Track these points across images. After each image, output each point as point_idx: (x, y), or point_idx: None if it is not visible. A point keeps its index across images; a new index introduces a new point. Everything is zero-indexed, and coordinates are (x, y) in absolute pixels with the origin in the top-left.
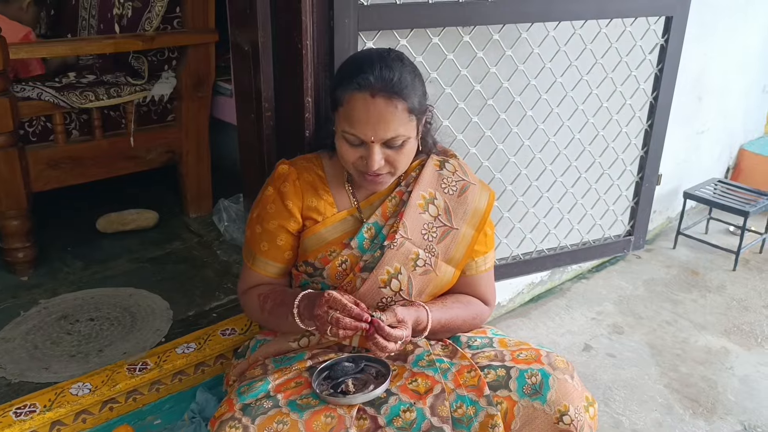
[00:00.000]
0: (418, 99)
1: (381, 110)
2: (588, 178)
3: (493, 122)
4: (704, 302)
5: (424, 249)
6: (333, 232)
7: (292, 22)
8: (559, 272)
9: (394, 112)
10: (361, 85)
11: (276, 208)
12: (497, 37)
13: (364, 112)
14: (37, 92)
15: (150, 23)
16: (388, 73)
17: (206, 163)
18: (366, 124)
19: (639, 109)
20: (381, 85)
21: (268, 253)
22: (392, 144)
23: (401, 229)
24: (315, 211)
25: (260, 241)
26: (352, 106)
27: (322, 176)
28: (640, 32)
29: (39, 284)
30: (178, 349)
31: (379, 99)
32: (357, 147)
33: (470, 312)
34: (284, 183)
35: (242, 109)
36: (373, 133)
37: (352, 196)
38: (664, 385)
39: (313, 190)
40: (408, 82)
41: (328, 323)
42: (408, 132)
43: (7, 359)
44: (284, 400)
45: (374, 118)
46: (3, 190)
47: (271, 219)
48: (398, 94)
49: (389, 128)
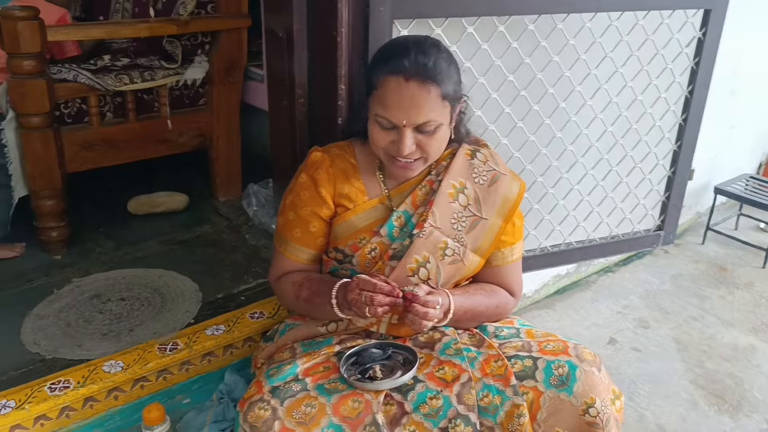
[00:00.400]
0: (452, 86)
1: (414, 94)
2: (619, 172)
3: (525, 113)
4: (732, 299)
5: (453, 238)
6: (363, 219)
7: (328, 9)
8: (585, 265)
9: (427, 97)
10: (395, 68)
11: (309, 194)
12: (532, 27)
13: (397, 96)
14: (73, 74)
15: (184, 8)
16: (423, 58)
17: (236, 148)
18: (398, 108)
19: (674, 103)
20: (415, 70)
21: (301, 239)
22: (424, 129)
23: (430, 217)
24: (346, 198)
25: (293, 228)
26: (385, 89)
27: (354, 164)
28: (677, 25)
29: (72, 263)
30: (207, 331)
31: (413, 83)
32: (389, 131)
33: (493, 300)
34: (317, 170)
35: (274, 94)
36: (405, 117)
37: (383, 184)
38: (689, 381)
39: (345, 177)
40: (443, 68)
41: (364, 304)
42: (441, 118)
43: (41, 336)
44: (312, 384)
45: (407, 102)
46: (38, 171)
47: (305, 206)
48: (432, 79)
49: (421, 113)
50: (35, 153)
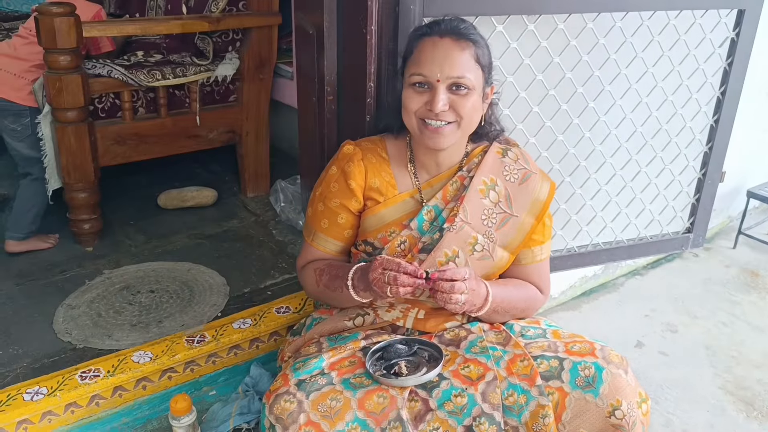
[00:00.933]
0: (485, 56)
1: (448, 48)
2: (648, 173)
3: (554, 113)
4: (763, 304)
5: (483, 234)
6: (393, 212)
7: (358, 7)
8: (613, 267)
9: (461, 53)
10: (431, 29)
11: (339, 187)
12: (562, 26)
13: (431, 51)
14: (108, 70)
15: (216, 5)
16: (458, 22)
17: (265, 144)
18: (433, 62)
19: (705, 104)
20: (450, 29)
21: (328, 230)
22: (458, 88)
23: (461, 212)
24: (377, 192)
25: (321, 219)
26: (421, 49)
27: (385, 158)
28: (710, 25)
29: (103, 255)
30: (234, 324)
31: (447, 39)
32: (422, 93)
33: (525, 294)
34: (349, 163)
35: (304, 91)
36: (440, 70)
37: (414, 177)
38: (717, 387)
39: (376, 170)
40: (477, 34)
41: (386, 284)
42: (474, 79)
43: (72, 325)
44: (338, 378)
45: (441, 55)
46: (72, 164)
47: (334, 197)
48: (466, 37)
49: (455, 66)
50: (70, 146)
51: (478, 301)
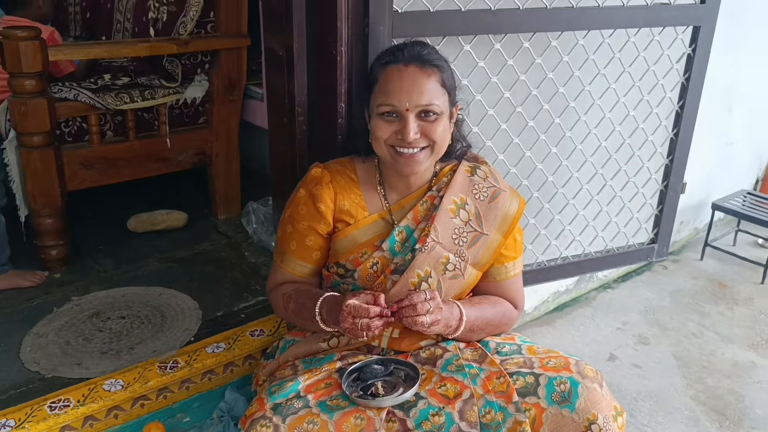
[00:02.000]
0: (449, 78)
1: (414, 77)
2: (613, 186)
3: (522, 129)
4: (731, 315)
5: (454, 253)
6: (364, 234)
7: (328, 28)
8: (585, 281)
9: (427, 80)
10: (395, 56)
11: (307, 209)
12: (527, 45)
13: (398, 81)
14: (74, 93)
15: (184, 27)
16: (420, 48)
17: (236, 166)
18: (401, 91)
19: (665, 118)
20: (413, 55)
21: (296, 252)
22: (427, 115)
23: (432, 233)
24: (347, 214)
25: (290, 241)
26: (386, 78)
27: (354, 179)
28: (667, 42)
29: (71, 281)
30: (208, 349)
31: (412, 67)
32: (392, 122)
33: (500, 311)
34: (317, 186)
35: (274, 112)
36: (408, 99)
37: (384, 199)
38: (690, 397)
39: (345, 192)
40: (440, 58)
41: (359, 330)
42: (441, 105)
43: (40, 354)
44: (314, 401)
45: (408, 85)
46: (38, 189)
47: (302, 220)
48: (430, 63)
49: (423, 94)
50: (36, 172)
51: (453, 323)
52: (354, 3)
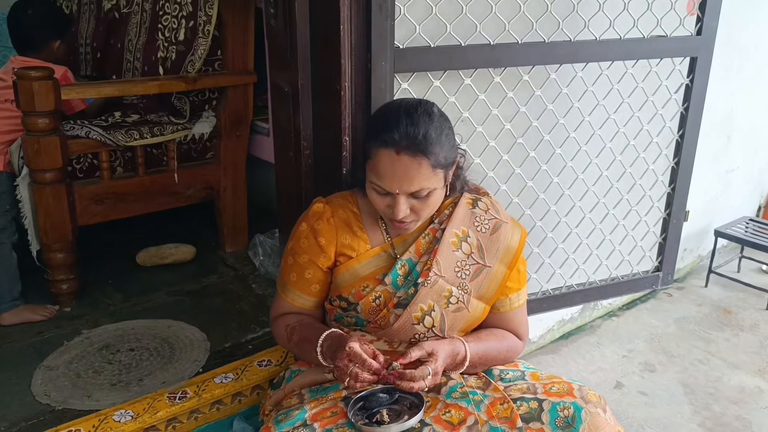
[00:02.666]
0: (444, 154)
1: (405, 167)
2: (616, 215)
3: (523, 160)
4: (737, 341)
5: (457, 286)
6: (367, 267)
7: (331, 65)
8: (590, 309)
9: (418, 168)
10: (387, 141)
11: (308, 243)
12: (527, 78)
13: (390, 168)
14: (86, 131)
15: (192, 65)
16: (413, 129)
17: (243, 199)
18: (392, 179)
19: (665, 147)
20: (406, 143)
21: (296, 284)
22: (417, 195)
23: (435, 266)
24: (349, 248)
25: (291, 272)
26: (378, 160)
27: (356, 213)
28: (665, 72)
29: (81, 315)
30: (216, 379)
31: (404, 156)
32: (384, 197)
33: (503, 344)
34: (318, 221)
35: (280, 147)
36: (398, 187)
37: (386, 233)
38: (697, 424)
39: (347, 227)
40: (433, 139)
41: (346, 375)
42: (433, 184)
43: (51, 387)
44: (321, 429)
45: (399, 174)
46: (50, 224)
47: (303, 253)
48: (422, 151)
49: (413, 183)
50: (48, 207)
51: (457, 360)
52: (357, 40)
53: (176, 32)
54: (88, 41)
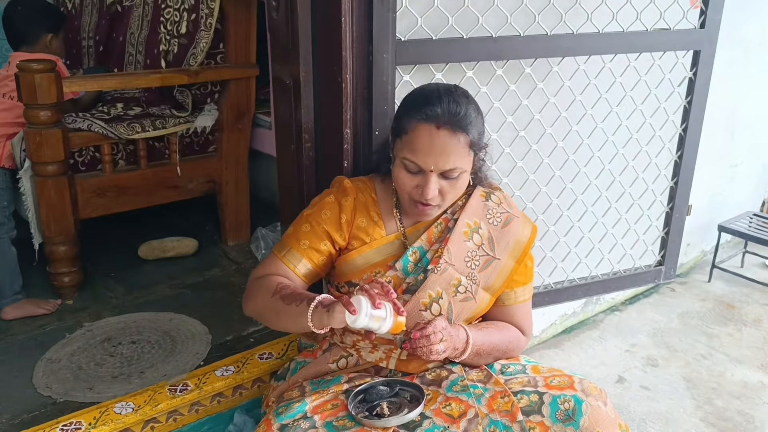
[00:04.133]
0: (479, 135)
1: (444, 142)
2: (618, 208)
3: (525, 153)
4: (740, 336)
5: (466, 276)
6: (379, 254)
7: (333, 57)
8: (592, 304)
9: (456, 145)
10: (428, 115)
11: (331, 214)
12: (529, 70)
13: (428, 143)
14: (88, 123)
15: (195, 59)
16: (455, 107)
17: (245, 193)
18: (428, 154)
19: (668, 141)
20: (447, 118)
21: (305, 251)
22: (449, 175)
23: (445, 254)
24: (363, 232)
25: (302, 238)
26: (416, 135)
27: (374, 198)
28: (668, 66)
29: (83, 308)
30: (217, 372)
31: (444, 131)
32: (414, 175)
33: (506, 336)
34: (346, 198)
35: (282, 140)
36: (434, 163)
37: (399, 222)
38: (699, 419)
39: (365, 210)
40: (472, 118)
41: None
42: (465, 165)
43: (53, 379)
44: (321, 422)
45: (437, 149)
46: (52, 217)
47: (323, 223)
48: (462, 128)
49: (449, 160)
50: (50, 200)
51: (459, 345)
52: (358, 32)
53: (178, 25)
54: (90, 34)
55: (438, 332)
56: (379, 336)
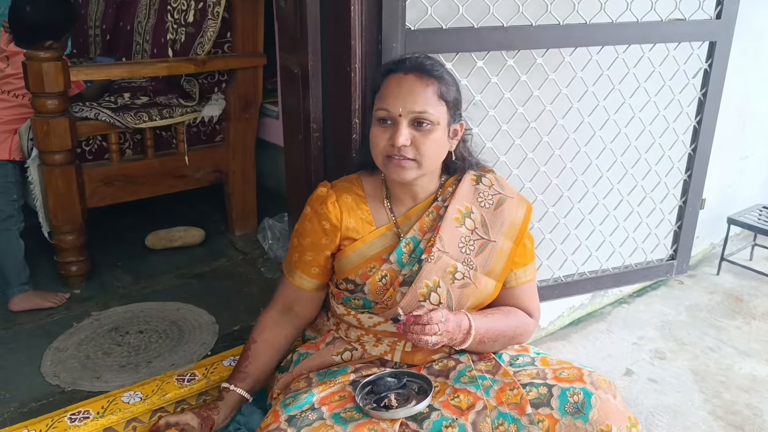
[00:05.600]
0: (451, 92)
1: (411, 84)
2: (630, 201)
3: (536, 145)
4: (749, 329)
5: (461, 262)
6: (372, 248)
7: (342, 46)
8: (600, 296)
9: (424, 89)
10: (397, 65)
11: (311, 226)
12: (541, 61)
13: (396, 87)
14: (95, 113)
15: (202, 48)
16: (425, 59)
17: (252, 183)
18: (396, 98)
19: (682, 133)
20: (414, 65)
21: (298, 264)
22: (420, 123)
23: (438, 242)
24: (354, 231)
25: (294, 253)
26: (386, 85)
27: (361, 195)
28: (683, 57)
29: (91, 297)
30: (224, 362)
31: (411, 75)
32: (386, 129)
33: (512, 320)
34: (321, 205)
35: (290, 129)
36: (402, 105)
37: (390, 212)
38: (707, 412)
39: (351, 210)
40: (442, 72)
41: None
42: (436, 115)
43: (60, 368)
44: (328, 413)
45: (404, 91)
46: (60, 206)
47: (307, 236)
48: (429, 73)
49: (417, 102)
50: (57, 189)
51: (459, 336)
52: (367, 21)
53: (185, 14)
54: (97, 23)
55: (434, 324)
56: (382, 330)
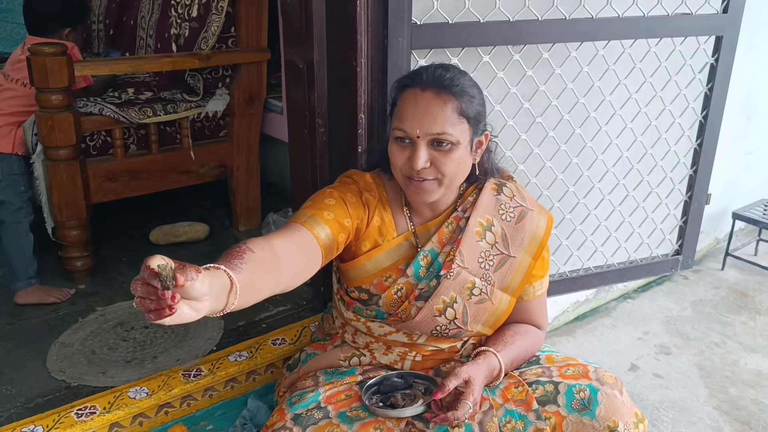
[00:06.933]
0: (472, 106)
1: (429, 103)
2: (636, 197)
3: (542, 140)
4: (754, 324)
5: (480, 277)
6: (389, 257)
7: (347, 41)
8: (605, 291)
9: (442, 107)
10: (413, 80)
11: (356, 200)
12: (546, 55)
13: (413, 106)
14: (99, 108)
15: (206, 43)
16: (442, 72)
17: (256, 178)
18: (413, 118)
19: (688, 128)
20: (432, 81)
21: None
22: (439, 144)
23: (458, 257)
24: (377, 232)
25: (326, 209)
26: (403, 102)
27: (384, 196)
28: (689, 51)
29: (96, 292)
30: (230, 357)
31: (429, 93)
32: (405, 148)
33: (530, 341)
34: (369, 191)
35: (294, 125)
36: (419, 126)
37: (409, 221)
38: (713, 407)
39: (379, 209)
40: (462, 84)
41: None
42: (456, 134)
43: (66, 363)
44: (334, 412)
45: (421, 111)
46: (64, 201)
47: (334, 190)
48: (448, 90)
49: (435, 122)
50: (61, 184)
51: (494, 376)
52: (373, 15)
53: (189, 9)
54: (100, 18)
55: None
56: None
